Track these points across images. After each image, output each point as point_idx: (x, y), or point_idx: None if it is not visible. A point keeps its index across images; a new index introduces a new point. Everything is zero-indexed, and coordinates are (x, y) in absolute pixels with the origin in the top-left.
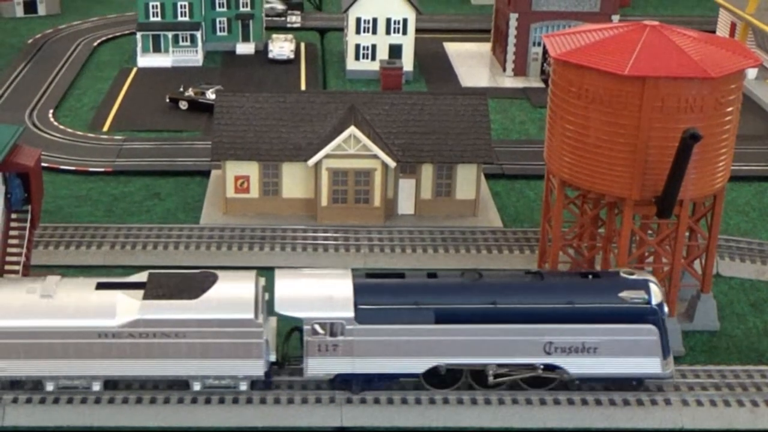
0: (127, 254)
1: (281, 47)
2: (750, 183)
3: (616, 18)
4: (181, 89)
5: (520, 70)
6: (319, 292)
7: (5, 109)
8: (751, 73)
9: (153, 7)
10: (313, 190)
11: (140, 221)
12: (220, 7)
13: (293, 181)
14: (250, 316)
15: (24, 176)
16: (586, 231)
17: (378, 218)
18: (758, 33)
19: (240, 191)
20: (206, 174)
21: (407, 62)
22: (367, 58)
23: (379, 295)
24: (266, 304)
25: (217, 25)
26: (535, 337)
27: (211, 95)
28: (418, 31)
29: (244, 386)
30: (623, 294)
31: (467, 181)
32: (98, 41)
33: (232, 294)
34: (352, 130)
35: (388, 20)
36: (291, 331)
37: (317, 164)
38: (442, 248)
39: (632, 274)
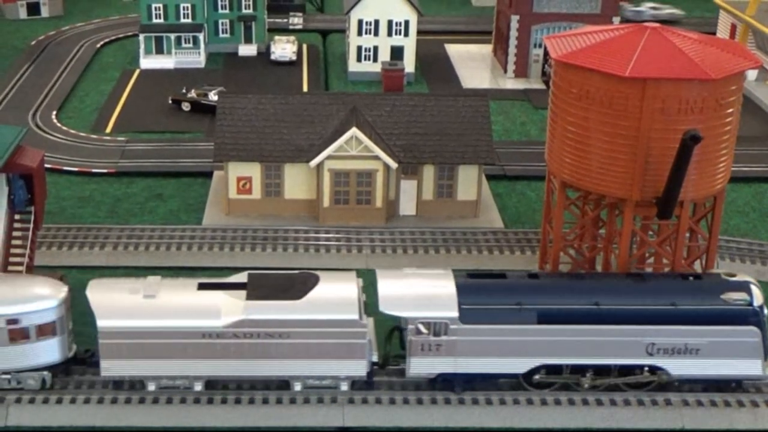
0: (130, 255)
1: (283, 49)
2: (750, 184)
3: (616, 20)
4: (184, 91)
5: (521, 72)
6: (422, 291)
7: (9, 111)
8: (751, 74)
9: (156, 8)
10: (315, 191)
11: (143, 222)
12: (222, 8)
13: (295, 182)
14: (355, 316)
15: (27, 177)
16: (587, 232)
17: (380, 219)
18: (758, 34)
19: (242, 192)
20: (209, 175)
21: (409, 64)
22: (369, 59)
23: (482, 295)
24: (364, 304)
25: (220, 27)
26: (638, 338)
27: (213, 97)
28: (419, 32)
29: (344, 387)
30: (725, 296)
31: (468, 182)
32: (101, 43)
33: (335, 295)
34: (354, 131)
35: (390, 22)
36: (392, 331)
37: (319, 165)
38: (443, 249)
39: (733, 275)
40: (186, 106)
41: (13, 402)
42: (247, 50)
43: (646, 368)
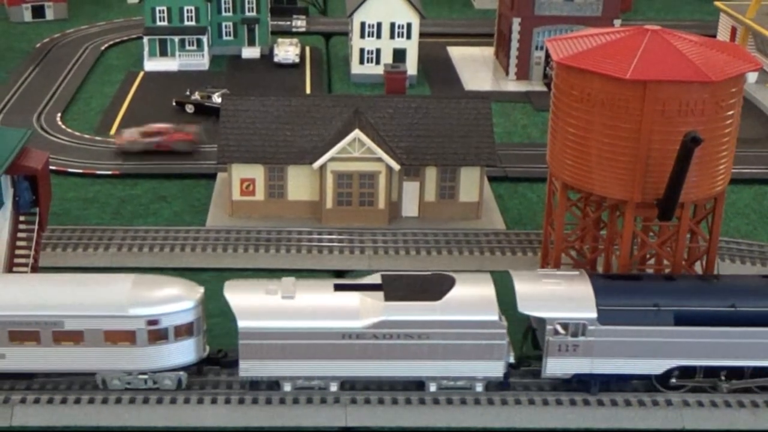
0: (134, 256)
1: (286, 51)
2: (750, 186)
3: (617, 22)
4: (188, 93)
5: (523, 74)
6: (560, 292)
7: (14, 113)
8: (752, 77)
9: (160, 11)
10: (318, 192)
11: (147, 223)
12: (226, 11)
13: (298, 183)
14: (495, 317)
15: (32, 179)
16: (588, 233)
17: (382, 220)
18: (758, 37)
19: (246, 194)
20: (212, 177)
21: (411, 66)
22: (372, 62)
23: (619, 296)
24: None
25: (223, 30)
26: None
27: (217, 99)
28: (421, 35)
29: (480, 388)
30: None
31: (470, 183)
32: (105, 45)
33: (474, 296)
34: (357, 133)
35: (393, 25)
36: (527, 331)
37: (322, 167)
38: (445, 250)
39: None
40: (190, 109)
41: (18, 402)
42: (250, 53)
43: None
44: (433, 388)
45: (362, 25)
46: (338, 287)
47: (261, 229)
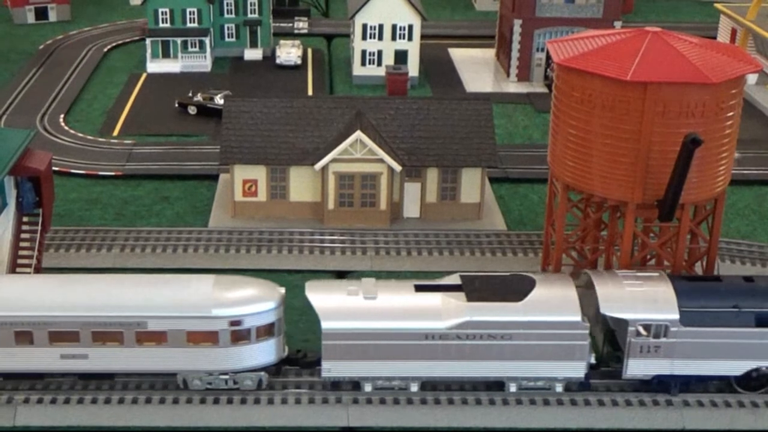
0: (137, 257)
1: (288, 53)
2: (750, 187)
3: (618, 24)
4: (190, 94)
5: (524, 76)
6: (642, 294)
7: (17, 114)
8: (752, 78)
9: (162, 13)
10: (320, 193)
11: (149, 224)
12: (228, 13)
13: (300, 184)
14: (578, 318)
15: (35, 180)
16: (589, 234)
17: (384, 221)
18: (758, 39)
19: (248, 195)
20: (215, 178)
21: (413, 68)
22: (373, 63)
23: (700, 297)
24: None
25: (226, 31)
26: None
27: (219, 100)
28: (423, 37)
29: (559, 388)
30: None
31: (472, 184)
32: (108, 47)
33: (556, 296)
34: (359, 134)
35: (394, 26)
36: (606, 332)
37: (324, 168)
38: (447, 251)
39: None
40: (192, 110)
41: (21, 402)
42: (252, 54)
43: None
44: (513, 388)
45: (364, 26)
46: (419, 288)
47: (263, 229)
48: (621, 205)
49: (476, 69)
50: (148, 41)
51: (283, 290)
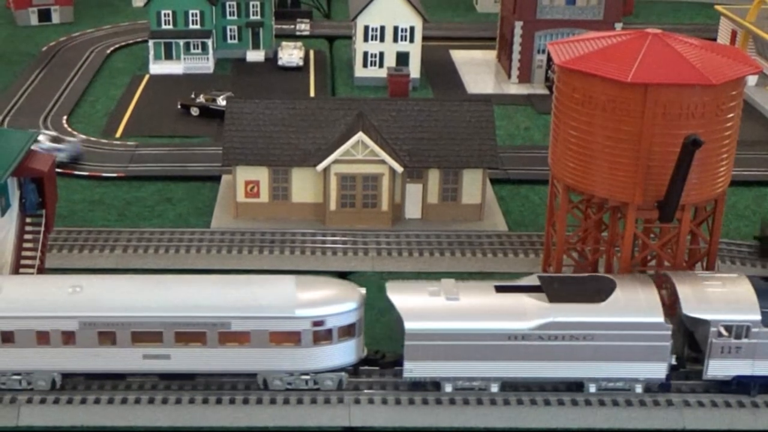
0: (140, 257)
1: (290, 54)
2: (750, 188)
3: (619, 26)
4: (193, 96)
5: (525, 77)
6: (723, 294)
7: (20, 116)
8: (752, 80)
9: (165, 15)
10: (322, 194)
11: (152, 225)
12: (230, 15)
13: (302, 185)
14: (660, 319)
15: (38, 181)
16: (590, 235)
17: (385, 222)
18: (758, 41)
19: (250, 196)
20: (217, 179)
21: (414, 69)
22: (375, 65)
23: None
24: None
25: (228, 33)
26: None
27: (221, 102)
28: (424, 38)
29: (639, 389)
30: None
31: (473, 185)
32: (111, 49)
33: (638, 297)
34: (360, 135)
35: (396, 28)
36: (686, 333)
37: (326, 169)
38: (448, 252)
39: None
40: (195, 111)
41: (25, 402)
42: (254, 56)
43: None
44: (593, 389)
45: (366, 28)
46: (499, 289)
47: (265, 230)
48: (622, 206)
49: (477, 71)
50: (150, 43)
51: (363, 291)
